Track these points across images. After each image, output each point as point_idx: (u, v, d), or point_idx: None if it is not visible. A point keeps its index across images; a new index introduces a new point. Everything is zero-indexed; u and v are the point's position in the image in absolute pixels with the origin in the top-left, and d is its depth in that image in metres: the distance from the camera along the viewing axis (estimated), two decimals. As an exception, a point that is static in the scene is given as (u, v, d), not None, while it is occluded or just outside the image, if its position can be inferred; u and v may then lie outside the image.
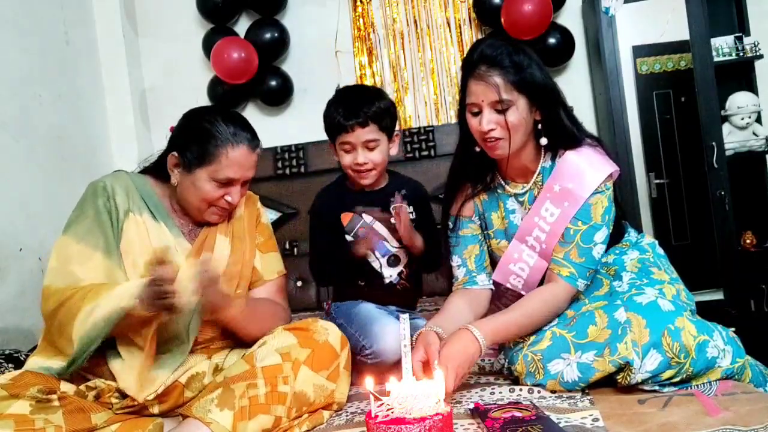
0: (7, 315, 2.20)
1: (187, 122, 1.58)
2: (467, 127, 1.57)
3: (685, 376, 1.35)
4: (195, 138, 1.53)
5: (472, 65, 1.52)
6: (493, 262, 1.73)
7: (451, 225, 1.72)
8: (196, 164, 1.52)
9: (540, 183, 1.60)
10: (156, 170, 1.62)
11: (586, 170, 1.53)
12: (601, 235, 1.53)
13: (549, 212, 1.56)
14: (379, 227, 1.84)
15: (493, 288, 1.71)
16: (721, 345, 1.38)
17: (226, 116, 1.56)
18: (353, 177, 1.84)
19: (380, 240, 1.84)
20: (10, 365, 1.77)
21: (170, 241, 1.54)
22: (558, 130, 1.56)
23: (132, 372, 1.40)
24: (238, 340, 1.57)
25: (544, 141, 1.56)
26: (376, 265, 1.86)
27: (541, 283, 1.60)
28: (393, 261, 1.87)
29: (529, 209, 1.60)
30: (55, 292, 1.41)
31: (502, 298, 1.71)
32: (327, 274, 1.92)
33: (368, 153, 1.79)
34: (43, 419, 1.28)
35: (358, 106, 1.77)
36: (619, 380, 1.38)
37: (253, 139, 1.56)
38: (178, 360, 1.49)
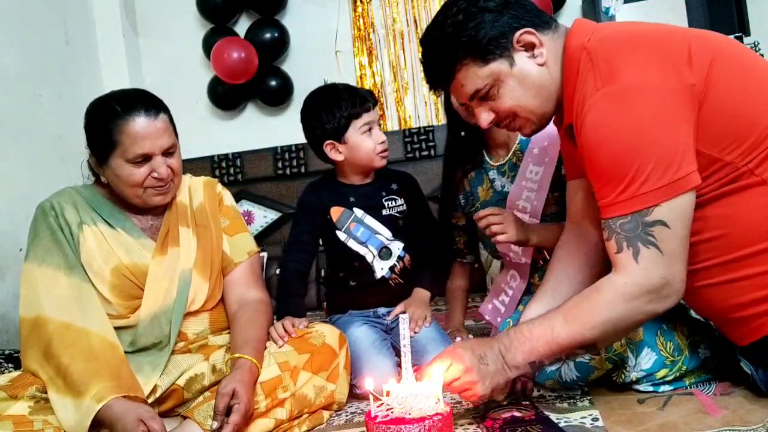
0: (7, 315, 2.20)
1: (85, 119, 1.50)
2: (452, 112, 1.74)
3: (678, 374, 1.36)
4: (94, 130, 1.47)
5: None
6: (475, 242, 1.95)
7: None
8: (107, 154, 1.44)
9: (519, 152, 1.76)
10: (97, 177, 1.57)
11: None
12: None
13: (534, 172, 1.71)
14: (370, 220, 1.81)
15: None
16: (715, 345, 1.38)
17: (116, 95, 1.49)
18: (375, 163, 1.80)
19: (373, 234, 1.83)
20: (10, 365, 1.78)
21: (131, 244, 1.50)
22: None
23: (67, 409, 1.29)
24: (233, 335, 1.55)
25: None
26: (368, 257, 1.82)
27: None
28: (385, 253, 1.84)
29: (511, 176, 1.74)
30: (26, 324, 1.42)
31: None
32: (291, 263, 1.82)
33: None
34: (41, 420, 1.28)
35: (358, 90, 1.83)
36: (615, 378, 1.38)
37: (149, 106, 1.45)
38: (164, 356, 1.46)
